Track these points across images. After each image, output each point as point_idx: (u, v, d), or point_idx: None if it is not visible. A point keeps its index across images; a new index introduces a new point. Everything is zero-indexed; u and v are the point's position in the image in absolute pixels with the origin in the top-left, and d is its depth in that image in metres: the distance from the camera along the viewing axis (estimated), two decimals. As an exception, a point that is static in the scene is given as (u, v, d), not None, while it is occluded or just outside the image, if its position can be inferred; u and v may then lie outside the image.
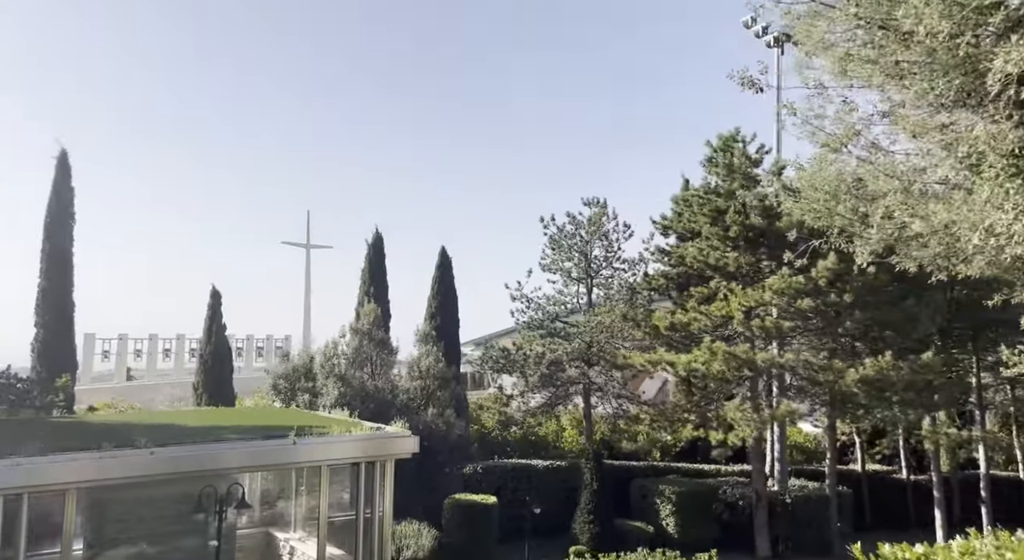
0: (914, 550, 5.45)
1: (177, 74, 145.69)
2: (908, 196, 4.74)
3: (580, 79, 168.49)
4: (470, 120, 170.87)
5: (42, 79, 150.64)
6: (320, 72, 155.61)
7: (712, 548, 24.47)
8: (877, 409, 22.25)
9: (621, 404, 26.24)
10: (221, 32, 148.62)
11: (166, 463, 11.48)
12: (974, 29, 3.73)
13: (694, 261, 23.25)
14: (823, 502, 24.86)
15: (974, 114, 4.04)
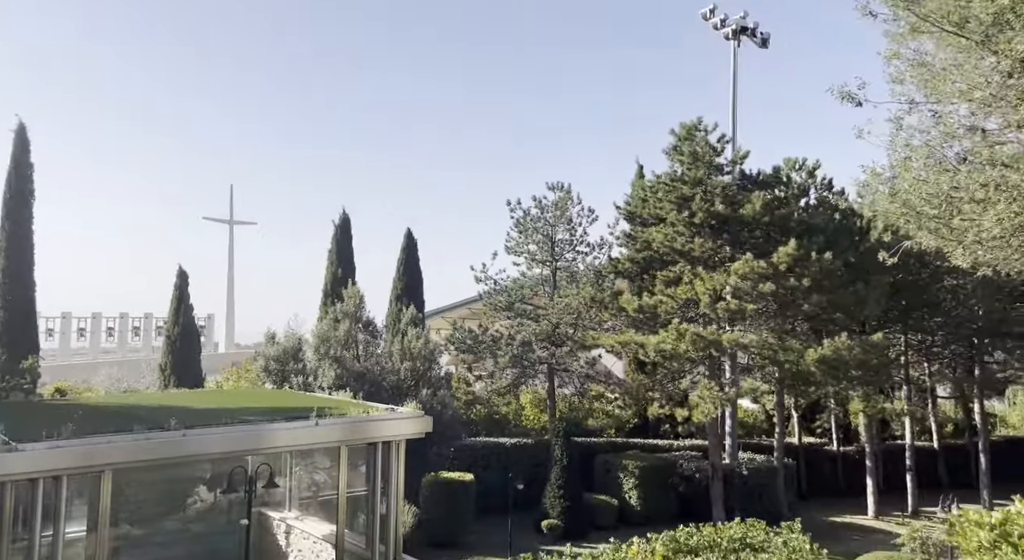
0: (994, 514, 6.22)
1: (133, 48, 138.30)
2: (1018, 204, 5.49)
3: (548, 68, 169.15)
4: (437, 100, 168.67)
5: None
6: (293, 55, 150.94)
7: (671, 519, 26.13)
8: (832, 386, 23.86)
9: (584, 384, 27.13)
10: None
11: (197, 444, 11.49)
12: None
13: (661, 246, 24.25)
14: (772, 473, 26.57)
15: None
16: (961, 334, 32.94)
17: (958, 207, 6.42)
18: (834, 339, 21.44)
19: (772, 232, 23.66)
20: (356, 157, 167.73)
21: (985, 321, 30.59)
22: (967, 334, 32.95)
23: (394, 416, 13.93)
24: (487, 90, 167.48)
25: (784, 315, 24.09)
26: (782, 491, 26.51)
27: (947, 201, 6.41)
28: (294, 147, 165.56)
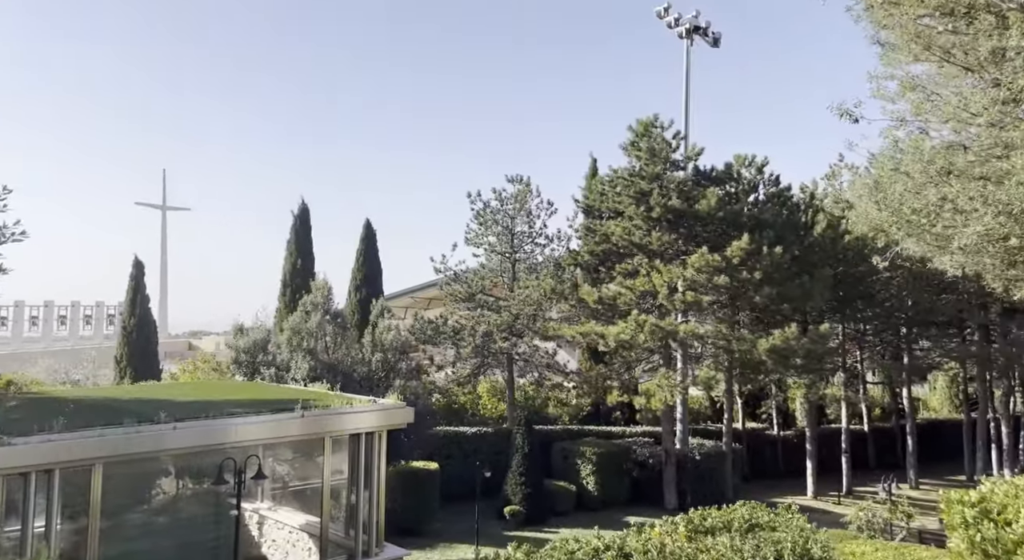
0: (972, 492, 6.92)
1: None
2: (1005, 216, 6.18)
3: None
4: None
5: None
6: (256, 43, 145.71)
7: (626, 504, 27.06)
8: (780, 373, 25.04)
9: (542, 373, 27.69)
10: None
11: (187, 437, 11.49)
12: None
13: (620, 239, 24.93)
14: (721, 458, 27.72)
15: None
16: (891, 324, 34.95)
17: (942, 216, 7.11)
18: (784, 330, 22.55)
19: (725, 227, 24.62)
20: (304, 146, 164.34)
21: (914, 311, 32.53)
22: (896, 324, 34.99)
23: (377, 407, 14.13)
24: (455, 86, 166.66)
25: (735, 307, 25.15)
26: (730, 474, 27.71)
27: (934, 211, 7.09)
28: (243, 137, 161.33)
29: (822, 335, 23.22)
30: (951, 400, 51.18)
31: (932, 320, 33.43)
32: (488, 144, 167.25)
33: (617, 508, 26.09)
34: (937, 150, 6.77)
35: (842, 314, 31.74)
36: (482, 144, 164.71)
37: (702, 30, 30.54)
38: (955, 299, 31.48)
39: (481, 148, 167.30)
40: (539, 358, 27.14)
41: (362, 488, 13.95)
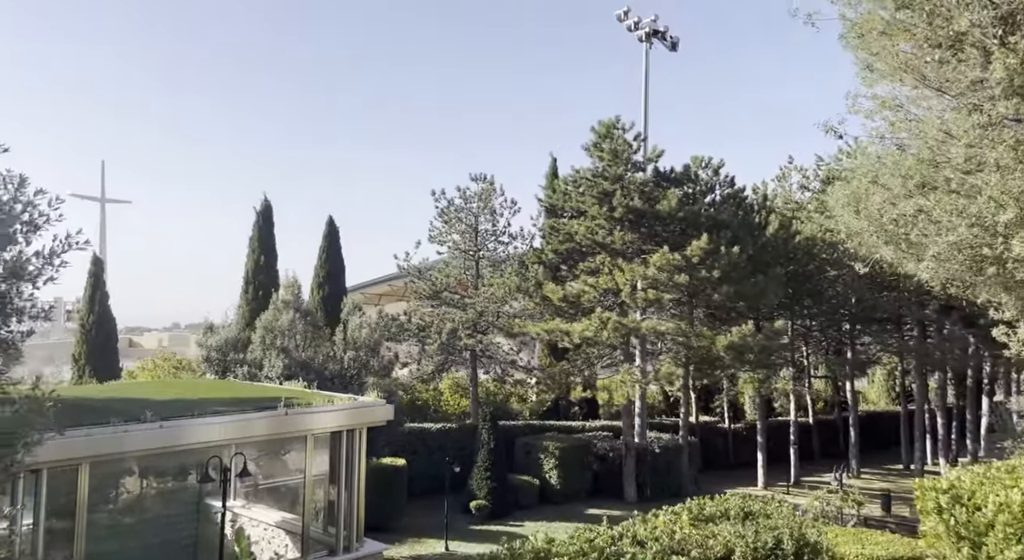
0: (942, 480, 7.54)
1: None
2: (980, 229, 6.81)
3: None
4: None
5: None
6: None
7: (587, 496, 27.68)
8: (735, 369, 25.97)
9: (505, 369, 28.08)
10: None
11: (173, 436, 11.49)
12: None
13: (584, 238, 25.46)
14: (678, 451, 28.59)
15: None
16: (836, 320, 36.50)
17: (917, 226, 7.73)
18: (741, 326, 23.42)
19: (685, 226, 25.38)
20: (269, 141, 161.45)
21: (857, 308, 34.03)
22: (840, 320, 36.56)
23: (358, 405, 14.30)
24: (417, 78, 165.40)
25: (692, 304, 25.97)
26: (687, 467, 28.61)
27: (910, 221, 7.70)
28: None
29: (776, 331, 24.22)
30: (888, 393, 53.62)
31: (874, 317, 35.04)
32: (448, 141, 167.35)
33: (579, 501, 26.69)
34: (914, 166, 7.40)
35: (791, 311, 32.98)
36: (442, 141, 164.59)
37: (660, 34, 31.27)
38: (895, 297, 33.03)
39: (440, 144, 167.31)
40: (503, 355, 27.51)
41: (343, 484, 14.11)
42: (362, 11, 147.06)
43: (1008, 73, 5.60)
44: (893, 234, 7.79)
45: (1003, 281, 7.59)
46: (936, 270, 7.58)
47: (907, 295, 32.25)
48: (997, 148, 6.30)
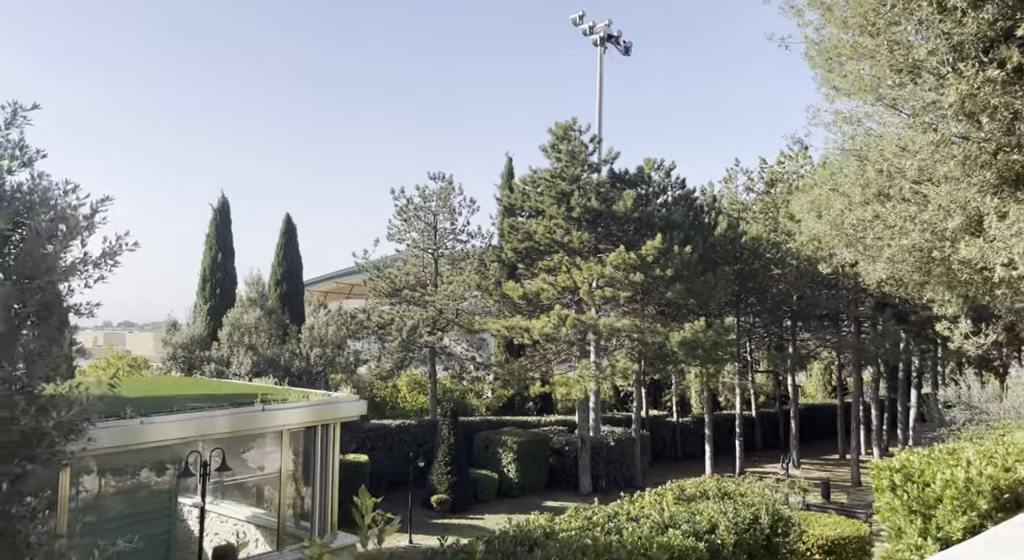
0: (894, 461, 8.33)
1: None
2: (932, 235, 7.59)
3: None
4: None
5: None
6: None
7: (544, 489, 28.35)
8: (687, 364, 26.94)
9: (464, 366, 28.49)
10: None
11: (153, 431, 11.57)
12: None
13: (542, 237, 26.06)
14: (631, 443, 29.53)
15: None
16: (778, 317, 38.09)
17: (873, 231, 8.51)
18: (693, 323, 24.38)
19: (639, 226, 26.23)
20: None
21: (798, 305, 35.60)
22: (782, 317, 38.18)
23: (334, 400, 14.55)
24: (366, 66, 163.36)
25: (646, 301, 26.86)
26: (639, 459, 29.56)
27: (868, 226, 8.47)
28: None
29: (726, 328, 25.28)
30: (825, 386, 56.03)
31: (813, 314, 36.70)
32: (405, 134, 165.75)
33: (536, 494, 27.34)
34: (872, 176, 8.16)
35: (737, 308, 34.30)
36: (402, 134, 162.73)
37: (614, 38, 32.13)
38: (834, 295, 34.67)
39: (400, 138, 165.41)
40: (462, 352, 27.92)
41: (318, 478, 14.35)
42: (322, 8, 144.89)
43: (959, 97, 6.35)
44: (852, 237, 8.55)
45: (948, 281, 8.43)
46: (890, 270, 8.37)
47: (845, 293, 33.92)
48: (947, 163, 7.08)
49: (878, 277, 8.66)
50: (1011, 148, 6.54)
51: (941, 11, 6.64)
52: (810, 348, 40.99)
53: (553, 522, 6.65)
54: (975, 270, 7.56)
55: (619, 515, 6.87)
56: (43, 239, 4.64)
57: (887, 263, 8.16)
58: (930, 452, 8.73)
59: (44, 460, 4.88)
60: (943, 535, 7.25)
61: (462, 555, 5.36)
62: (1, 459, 4.51)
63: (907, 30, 6.88)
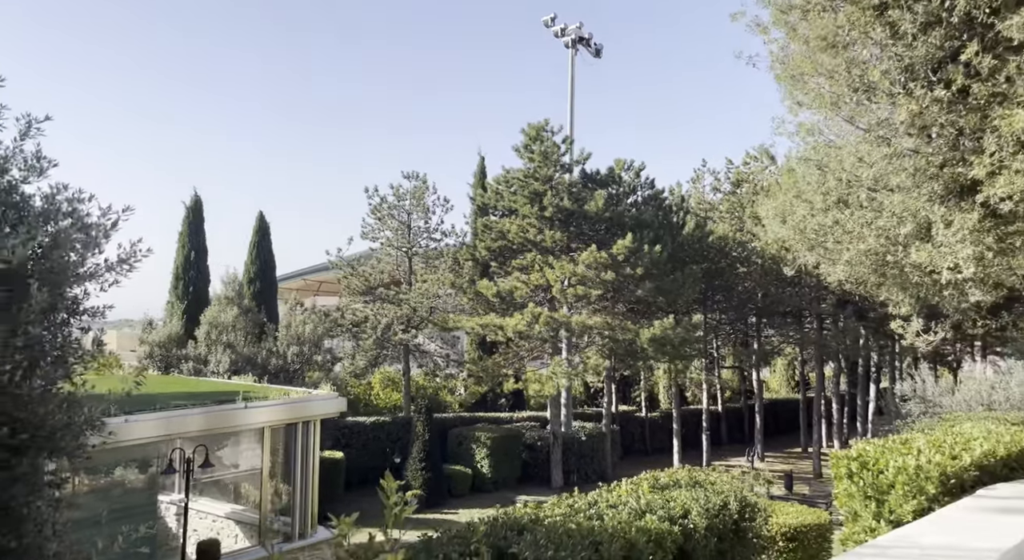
0: (851, 450, 8.94)
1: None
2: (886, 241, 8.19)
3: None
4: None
5: None
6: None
7: (516, 483, 28.83)
8: (657, 360, 27.62)
9: (437, 364, 28.84)
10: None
11: (139, 428, 11.77)
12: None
13: (516, 236, 26.50)
14: (601, 438, 30.15)
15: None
16: (744, 314, 39.06)
17: (833, 235, 9.11)
18: (662, 320, 25.04)
19: (610, 226, 26.81)
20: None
21: (763, 303, 36.58)
22: (748, 314, 39.16)
23: (315, 398, 14.83)
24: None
25: (617, 299, 27.47)
26: (609, 453, 30.20)
27: (828, 231, 9.07)
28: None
29: (694, 325, 26.00)
30: (788, 381, 57.45)
31: (777, 311, 37.72)
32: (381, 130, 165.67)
33: (509, 488, 27.80)
34: (833, 184, 8.75)
35: (704, 306, 35.15)
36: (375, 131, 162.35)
37: (585, 40, 32.67)
38: (797, 292, 35.69)
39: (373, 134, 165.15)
40: (436, 349, 28.27)
41: (299, 473, 14.64)
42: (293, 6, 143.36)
43: (909, 116, 6.92)
44: (814, 241, 9.12)
45: (901, 283, 9.05)
46: (848, 272, 8.97)
47: (808, 291, 34.94)
48: (900, 174, 7.67)
49: (838, 278, 9.25)
50: (956, 162, 7.13)
51: (894, 35, 7.22)
52: (774, 344, 42.10)
53: (538, 510, 7.10)
54: (925, 273, 8.18)
55: (599, 503, 7.34)
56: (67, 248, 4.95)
57: (846, 265, 8.76)
58: (885, 442, 9.37)
59: (69, 453, 5.20)
60: (895, 517, 7.85)
61: (457, 540, 5.78)
62: (33, 453, 4.81)
63: (863, 52, 7.46)
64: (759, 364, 39.63)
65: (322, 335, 23.02)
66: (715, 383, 40.54)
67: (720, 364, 43.17)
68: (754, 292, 36.04)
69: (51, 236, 4.77)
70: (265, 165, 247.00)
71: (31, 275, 4.53)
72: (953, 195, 7.25)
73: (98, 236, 4.87)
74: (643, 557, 6.10)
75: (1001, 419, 13.91)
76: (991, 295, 8.15)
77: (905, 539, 6.16)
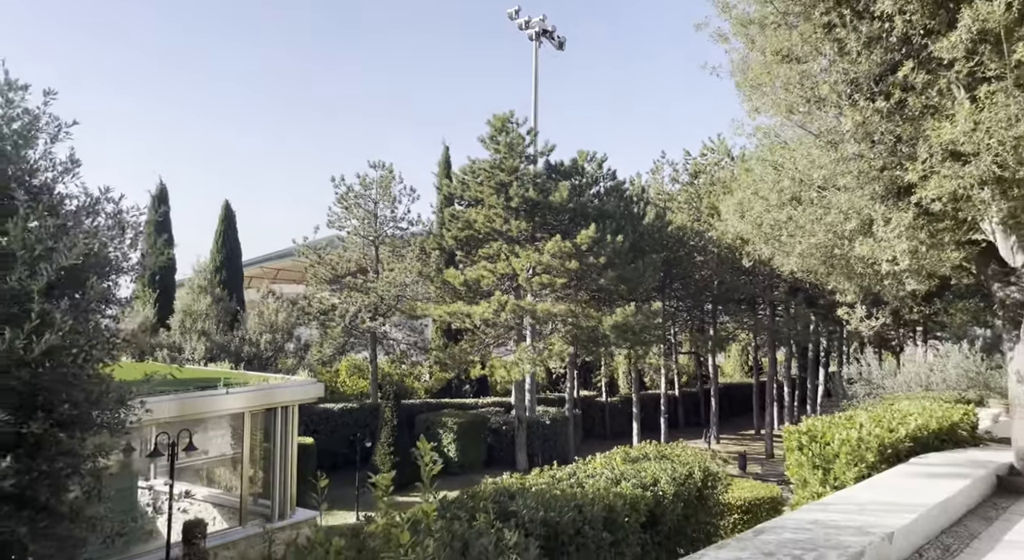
0: (802, 425, 9.86)
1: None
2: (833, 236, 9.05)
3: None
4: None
5: None
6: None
7: (482, 466, 29.58)
8: (618, 346, 28.55)
9: (404, 351, 29.36)
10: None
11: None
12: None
13: (482, 226, 27.10)
14: (564, 422, 31.06)
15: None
16: (700, 301, 40.37)
17: (787, 230, 9.96)
18: (624, 308, 25.96)
19: (574, 216, 27.59)
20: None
21: (719, 290, 37.90)
22: (704, 301, 40.49)
23: (293, 384, 15.29)
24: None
25: (579, 288, 28.31)
26: (572, 437, 31.15)
27: (783, 226, 9.90)
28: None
29: (653, 312, 26.98)
30: (742, 366, 59.32)
31: (732, 298, 39.11)
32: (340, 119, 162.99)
33: (475, 471, 28.52)
34: (787, 184, 9.59)
35: (663, 293, 36.29)
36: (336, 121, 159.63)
37: (549, 33, 33.29)
38: (751, 280, 37.08)
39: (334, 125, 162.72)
40: (404, 336, 28.77)
41: (279, 457, 15.11)
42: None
43: (854, 125, 7.75)
44: (770, 236, 9.96)
45: (847, 273, 9.95)
46: (801, 263, 9.84)
47: (761, 279, 36.33)
48: (846, 176, 8.51)
49: (791, 268, 10.12)
50: (894, 166, 7.99)
51: (841, 52, 8.05)
52: (729, 330, 43.60)
53: (523, 480, 7.81)
54: (868, 264, 9.07)
55: (577, 474, 8.09)
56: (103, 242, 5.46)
57: (799, 257, 9.62)
58: (831, 419, 10.34)
59: (112, 428, 5.72)
60: (839, 483, 8.76)
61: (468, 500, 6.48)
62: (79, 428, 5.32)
63: (814, 66, 8.27)
64: (714, 350, 41.04)
65: (294, 323, 23.35)
66: (672, 368, 41.83)
67: (677, 350, 44.55)
68: (710, 280, 37.32)
69: (94, 234, 5.28)
70: (230, 150, 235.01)
71: (87, 270, 5.03)
72: (892, 195, 8.11)
73: (136, 235, 5.39)
74: (620, 518, 6.85)
75: (936, 398, 15.13)
76: (924, 284, 9.05)
77: (846, 498, 7.03)
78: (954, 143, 6.93)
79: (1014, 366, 8.86)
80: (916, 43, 7.65)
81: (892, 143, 7.88)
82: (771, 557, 4.77)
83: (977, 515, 7.44)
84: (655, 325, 29.46)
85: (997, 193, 7.37)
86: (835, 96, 7.91)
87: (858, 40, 7.69)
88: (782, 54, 8.54)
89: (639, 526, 7.27)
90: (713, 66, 9.03)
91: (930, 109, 7.47)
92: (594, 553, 6.58)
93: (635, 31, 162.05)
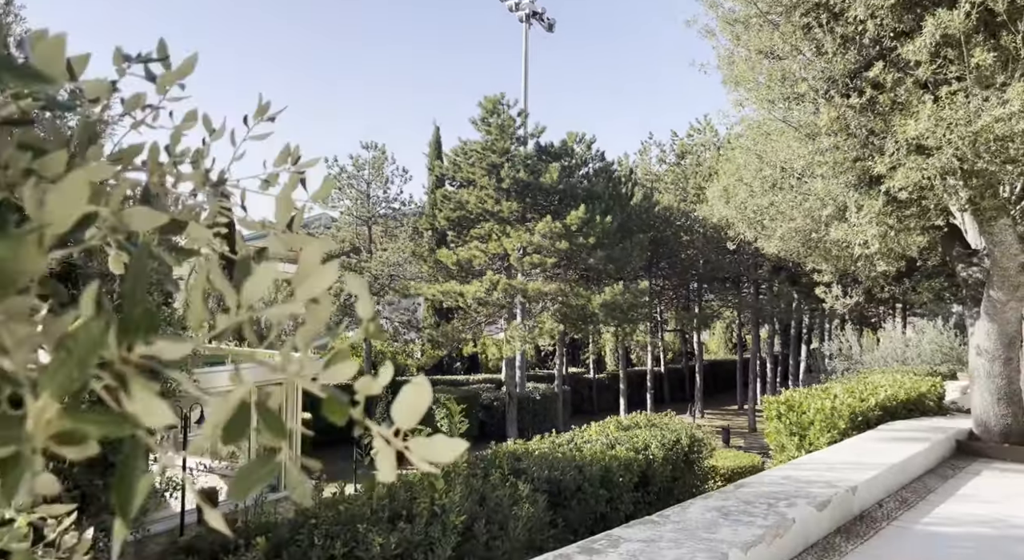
0: (780, 396, 10.65)
1: None
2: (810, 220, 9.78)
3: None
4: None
5: None
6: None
7: (474, 442, 30.44)
8: (607, 324, 29.36)
9: (398, 329, 30.01)
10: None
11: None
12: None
13: (475, 207, 27.68)
14: (554, 398, 31.95)
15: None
16: (686, 280, 41.26)
17: (769, 215, 10.66)
18: (612, 287, 26.71)
19: (564, 197, 28.23)
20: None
21: (704, 269, 38.76)
22: (690, 280, 41.38)
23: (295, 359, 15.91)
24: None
25: (569, 267, 29.03)
26: (561, 412, 32.05)
27: (765, 211, 10.59)
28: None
29: (641, 291, 27.76)
30: (726, 343, 60.49)
31: (717, 276, 40.01)
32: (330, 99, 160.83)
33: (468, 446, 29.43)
34: (768, 172, 10.26)
35: (650, 272, 37.11)
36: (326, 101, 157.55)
37: (538, 15, 33.67)
38: (736, 259, 37.95)
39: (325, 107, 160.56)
40: (398, 315, 29.40)
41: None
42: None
43: (830, 120, 8.45)
44: (752, 220, 10.65)
45: (824, 255, 10.68)
46: (781, 246, 10.56)
47: (746, 258, 37.20)
48: (823, 166, 9.21)
49: (773, 251, 10.82)
50: (866, 157, 8.70)
51: (818, 51, 8.72)
52: (714, 308, 44.54)
53: (526, 446, 8.55)
54: (842, 248, 9.79)
55: (575, 439, 8.84)
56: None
57: (779, 241, 10.32)
58: (808, 390, 11.16)
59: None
60: (813, 448, 9.57)
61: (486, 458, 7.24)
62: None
63: (793, 64, 8.94)
64: (700, 327, 41.98)
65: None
66: (659, 345, 42.78)
67: (663, 327, 45.48)
68: (696, 259, 38.15)
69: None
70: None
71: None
72: (864, 184, 8.82)
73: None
74: (615, 477, 7.60)
75: (908, 371, 16.03)
76: (893, 266, 9.78)
77: (818, 459, 7.82)
78: (918, 138, 7.64)
79: (974, 341, 9.65)
80: (886, 45, 8.33)
81: (865, 136, 8.57)
82: (750, 505, 5.52)
83: (935, 474, 8.25)
84: (642, 303, 30.27)
85: (960, 183, 8.10)
86: (812, 92, 8.58)
87: (834, 41, 8.36)
88: (764, 52, 9.20)
89: (632, 486, 8.04)
90: (701, 63, 9.64)
91: (898, 106, 8.16)
92: (593, 507, 7.34)
93: (625, 9, 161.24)
